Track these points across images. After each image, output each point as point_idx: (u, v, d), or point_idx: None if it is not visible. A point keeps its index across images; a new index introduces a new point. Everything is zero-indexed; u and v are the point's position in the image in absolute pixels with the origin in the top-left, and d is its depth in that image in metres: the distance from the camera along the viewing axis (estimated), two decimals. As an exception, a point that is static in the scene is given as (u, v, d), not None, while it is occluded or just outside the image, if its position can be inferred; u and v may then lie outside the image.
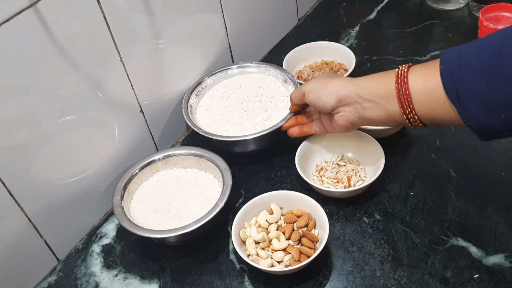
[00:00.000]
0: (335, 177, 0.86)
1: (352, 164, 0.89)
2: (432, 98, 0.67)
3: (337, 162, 0.89)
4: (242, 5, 1.07)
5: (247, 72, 1.04)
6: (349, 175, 0.86)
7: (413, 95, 0.69)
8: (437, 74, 0.65)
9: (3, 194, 0.72)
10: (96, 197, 0.87)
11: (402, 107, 0.70)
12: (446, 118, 0.67)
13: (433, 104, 0.67)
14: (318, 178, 0.87)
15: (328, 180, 0.86)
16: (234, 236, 0.76)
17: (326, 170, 0.88)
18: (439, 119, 0.68)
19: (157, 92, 0.94)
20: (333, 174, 0.87)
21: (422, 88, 0.68)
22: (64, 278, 0.82)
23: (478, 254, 0.74)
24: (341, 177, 0.86)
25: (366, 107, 0.74)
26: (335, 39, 1.19)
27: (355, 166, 0.88)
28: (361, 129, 0.89)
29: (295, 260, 0.74)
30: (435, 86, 0.66)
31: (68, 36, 0.73)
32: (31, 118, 0.73)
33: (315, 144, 0.90)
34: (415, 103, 0.69)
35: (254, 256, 0.75)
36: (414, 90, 0.69)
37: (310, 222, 0.78)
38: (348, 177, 0.86)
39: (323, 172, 0.88)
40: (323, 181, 0.86)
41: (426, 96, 0.68)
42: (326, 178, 0.87)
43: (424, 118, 0.70)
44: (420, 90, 0.68)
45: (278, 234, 0.77)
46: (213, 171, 0.88)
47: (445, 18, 1.21)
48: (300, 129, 0.88)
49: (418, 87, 0.68)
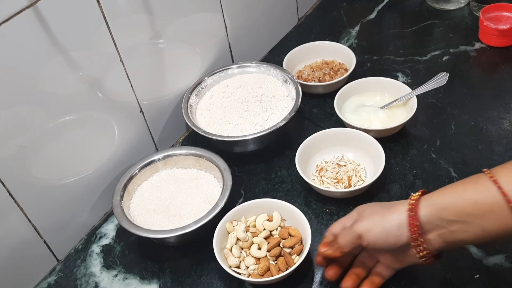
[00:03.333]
0: (335, 177, 0.86)
1: (353, 164, 0.88)
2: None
3: (337, 162, 0.89)
4: (242, 5, 1.07)
5: (247, 72, 1.03)
6: (350, 175, 0.86)
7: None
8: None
9: (3, 194, 0.72)
10: (95, 197, 0.87)
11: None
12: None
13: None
14: (318, 178, 0.87)
15: (328, 180, 0.86)
16: (221, 223, 0.77)
17: (326, 170, 0.88)
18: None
19: (157, 92, 0.94)
20: (333, 174, 0.87)
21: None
22: (63, 278, 0.81)
23: (478, 254, 0.74)
24: (341, 177, 0.86)
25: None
26: (335, 39, 1.19)
27: (356, 166, 0.88)
28: (360, 129, 0.89)
29: (259, 273, 0.73)
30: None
31: (68, 36, 0.73)
32: (31, 118, 0.73)
33: (315, 144, 0.90)
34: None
35: (226, 250, 0.76)
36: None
37: (297, 247, 0.75)
38: (349, 177, 0.86)
39: (323, 172, 0.88)
40: (323, 181, 0.86)
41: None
42: (327, 178, 0.86)
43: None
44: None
45: (262, 242, 0.77)
46: (213, 171, 0.88)
47: (446, 18, 1.21)
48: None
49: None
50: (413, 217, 0.62)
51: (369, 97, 0.99)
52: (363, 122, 0.93)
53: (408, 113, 0.92)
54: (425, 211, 0.61)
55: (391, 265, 0.69)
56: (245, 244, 0.77)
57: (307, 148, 0.88)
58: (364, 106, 0.97)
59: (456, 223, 0.60)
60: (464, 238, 0.61)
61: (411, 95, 0.93)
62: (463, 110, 0.97)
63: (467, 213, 0.59)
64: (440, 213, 0.61)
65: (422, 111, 0.97)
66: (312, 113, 1.02)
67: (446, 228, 0.61)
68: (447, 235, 0.61)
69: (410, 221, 0.62)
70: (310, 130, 0.99)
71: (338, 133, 0.90)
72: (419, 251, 0.63)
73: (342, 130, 0.91)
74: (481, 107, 0.97)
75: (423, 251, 0.63)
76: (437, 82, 0.93)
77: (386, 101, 0.97)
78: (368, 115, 0.94)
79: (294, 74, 1.05)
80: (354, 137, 0.89)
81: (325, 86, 1.03)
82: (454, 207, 0.60)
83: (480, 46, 1.11)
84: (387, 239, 0.64)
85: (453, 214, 0.60)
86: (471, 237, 0.60)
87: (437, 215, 0.61)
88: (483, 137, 0.91)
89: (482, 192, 0.59)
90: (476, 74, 1.05)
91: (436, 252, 0.64)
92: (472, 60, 1.08)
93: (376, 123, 0.92)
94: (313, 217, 0.83)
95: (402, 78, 1.06)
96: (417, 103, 0.92)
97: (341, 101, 0.97)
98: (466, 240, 0.61)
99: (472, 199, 0.59)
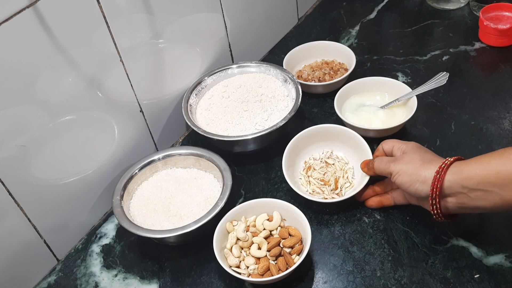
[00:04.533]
0: (322, 179, 0.86)
1: (341, 162, 0.88)
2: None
3: (326, 160, 0.88)
4: (242, 5, 1.07)
5: (247, 71, 1.03)
6: (337, 177, 0.85)
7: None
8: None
9: (3, 194, 0.72)
10: (95, 197, 0.87)
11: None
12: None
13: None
14: (306, 178, 0.87)
15: (315, 181, 0.85)
16: (221, 223, 0.77)
17: (314, 169, 0.88)
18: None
19: (157, 92, 0.94)
20: (320, 174, 0.86)
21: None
22: (63, 278, 0.81)
23: (478, 254, 0.74)
24: (328, 178, 0.85)
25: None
26: (335, 38, 1.19)
27: (344, 164, 0.87)
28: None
29: (259, 273, 0.73)
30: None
31: (68, 36, 0.73)
32: (31, 118, 0.73)
33: (304, 140, 0.89)
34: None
35: (226, 250, 0.76)
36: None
37: (297, 246, 0.76)
38: (336, 179, 0.85)
39: (310, 172, 0.87)
40: (310, 181, 0.86)
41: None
42: (314, 178, 0.86)
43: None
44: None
45: (262, 242, 0.77)
46: (213, 171, 0.88)
47: (446, 17, 1.21)
48: (379, 201, 0.81)
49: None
50: (437, 180, 0.67)
51: (369, 97, 0.99)
52: (363, 122, 0.93)
53: (408, 113, 0.92)
54: (450, 177, 0.66)
55: (407, 197, 0.77)
56: (245, 244, 0.77)
57: (298, 143, 0.88)
58: (364, 106, 0.97)
59: (476, 191, 0.64)
60: (482, 206, 0.65)
61: (411, 95, 0.93)
62: (463, 110, 0.97)
63: (488, 182, 0.63)
64: (463, 181, 0.65)
65: (422, 111, 0.97)
66: (312, 113, 1.02)
67: (466, 195, 0.66)
68: (465, 201, 0.66)
69: (433, 182, 0.67)
70: (310, 130, 0.99)
71: (328, 129, 0.90)
72: (433, 209, 0.69)
73: (330, 127, 0.90)
74: (481, 107, 0.97)
75: (437, 209, 0.69)
76: (437, 82, 0.93)
77: (386, 101, 0.97)
78: (368, 115, 0.94)
79: (294, 74, 1.05)
80: (341, 134, 0.88)
81: (325, 86, 1.03)
82: (477, 176, 0.64)
83: (480, 46, 1.11)
84: (409, 187, 0.71)
85: (475, 183, 0.64)
86: (489, 205, 0.64)
87: (460, 183, 0.66)
88: (483, 137, 0.91)
89: (505, 164, 0.62)
90: (476, 74, 1.05)
91: (448, 214, 0.69)
92: (472, 60, 1.08)
93: (376, 123, 0.92)
94: (313, 217, 0.83)
95: (402, 78, 1.06)
96: (417, 103, 0.92)
97: (341, 101, 0.97)
98: (484, 207, 0.65)
99: (496, 170, 0.63)
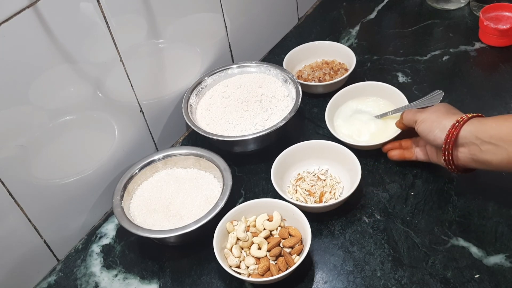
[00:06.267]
0: (309, 190, 0.85)
1: (333, 180, 0.87)
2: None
3: (319, 175, 0.88)
4: (242, 5, 1.07)
5: (247, 71, 1.03)
6: (323, 191, 0.85)
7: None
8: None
9: (3, 194, 0.72)
10: (95, 197, 0.87)
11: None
12: None
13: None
14: (294, 187, 0.86)
15: (301, 190, 0.85)
16: (221, 223, 0.77)
17: (304, 181, 0.87)
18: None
19: (157, 92, 0.94)
20: (308, 186, 0.86)
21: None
22: (63, 278, 0.81)
23: (478, 254, 0.74)
24: (314, 191, 0.85)
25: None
26: (335, 38, 1.19)
27: (335, 183, 0.86)
28: (345, 143, 0.88)
29: (259, 273, 0.73)
30: None
31: (68, 35, 0.73)
32: (31, 118, 0.73)
33: (300, 153, 0.89)
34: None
35: (226, 250, 0.76)
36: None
37: (297, 247, 0.76)
38: (322, 193, 0.84)
39: (299, 182, 0.87)
40: (296, 190, 0.86)
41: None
42: (301, 188, 0.86)
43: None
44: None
45: (262, 242, 0.77)
46: (213, 171, 0.88)
47: (446, 17, 1.21)
48: (401, 153, 0.86)
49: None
50: (455, 127, 0.72)
51: (366, 103, 0.97)
52: (352, 133, 0.92)
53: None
54: (467, 127, 0.71)
55: (428, 152, 0.82)
56: (245, 244, 0.77)
57: (290, 156, 0.88)
58: (359, 112, 0.96)
59: (488, 144, 0.69)
60: (490, 160, 0.69)
61: (405, 109, 0.91)
62: (463, 110, 0.96)
63: (500, 137, 0.67)
64: (478, 132, 0.70)
65: (422, 111, 0.97)
66: (312, 113, 1.02)
67: (478, 147, 0.70)
68: (476, 153, 0.70)
69: (450, 129, 0.72)
70: (310, 129, 0.99)
71: (326, 146, 0.89)
72: (445, 155, 0.74)
73: (330, 144, 0.89)
74: (481, 107, 0.97)
75: (448, 156, 0.74)
76: (431, 100, 0.90)
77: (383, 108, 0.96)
78: (359, 126, 0.93)
79: (294, 74, 1.05)
80: (339, 152, 0.87)
81: (325, 86, 1.03)
82: (492, 130, 0.69)
83: (480, 46, 1.11)
84: (428, 134, 0.76)
85: (488, 136, 0.68)
86: (496, 161, 0.68)
87: (475, 134, 0.70)
88: (483, 137, 0.91)
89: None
90: (476, 74, 1.05)
91: (459, 165, 0.74)
92: (472, 60, 1.08)
93: (365, 136, 0.92)
94: (313, 217, 0.83)
95: (402, 78, 1.06)
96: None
97: (335, 106, 0.96)
98: (491, 162, 0.69)
99: (509, 127, 0.67)
